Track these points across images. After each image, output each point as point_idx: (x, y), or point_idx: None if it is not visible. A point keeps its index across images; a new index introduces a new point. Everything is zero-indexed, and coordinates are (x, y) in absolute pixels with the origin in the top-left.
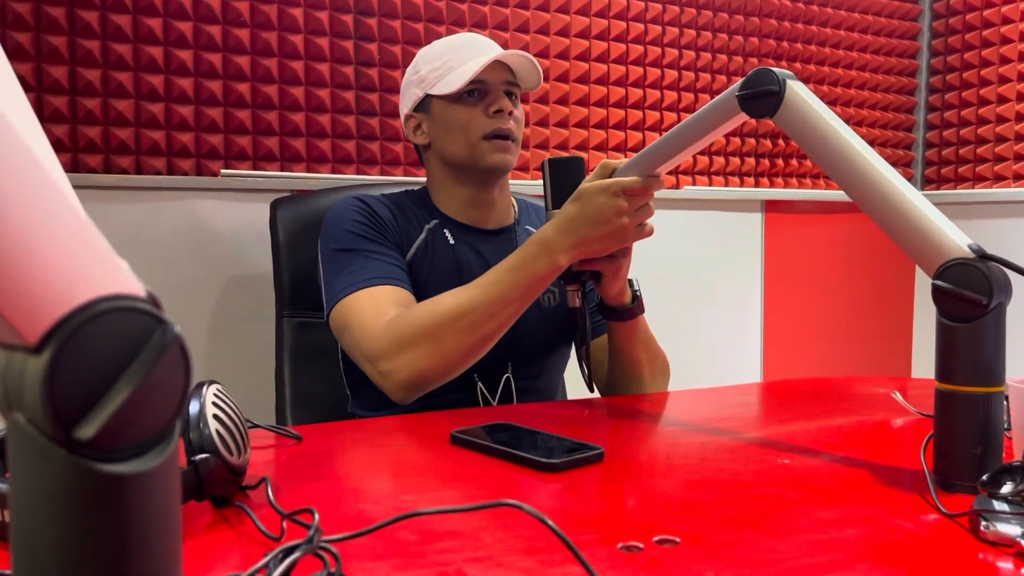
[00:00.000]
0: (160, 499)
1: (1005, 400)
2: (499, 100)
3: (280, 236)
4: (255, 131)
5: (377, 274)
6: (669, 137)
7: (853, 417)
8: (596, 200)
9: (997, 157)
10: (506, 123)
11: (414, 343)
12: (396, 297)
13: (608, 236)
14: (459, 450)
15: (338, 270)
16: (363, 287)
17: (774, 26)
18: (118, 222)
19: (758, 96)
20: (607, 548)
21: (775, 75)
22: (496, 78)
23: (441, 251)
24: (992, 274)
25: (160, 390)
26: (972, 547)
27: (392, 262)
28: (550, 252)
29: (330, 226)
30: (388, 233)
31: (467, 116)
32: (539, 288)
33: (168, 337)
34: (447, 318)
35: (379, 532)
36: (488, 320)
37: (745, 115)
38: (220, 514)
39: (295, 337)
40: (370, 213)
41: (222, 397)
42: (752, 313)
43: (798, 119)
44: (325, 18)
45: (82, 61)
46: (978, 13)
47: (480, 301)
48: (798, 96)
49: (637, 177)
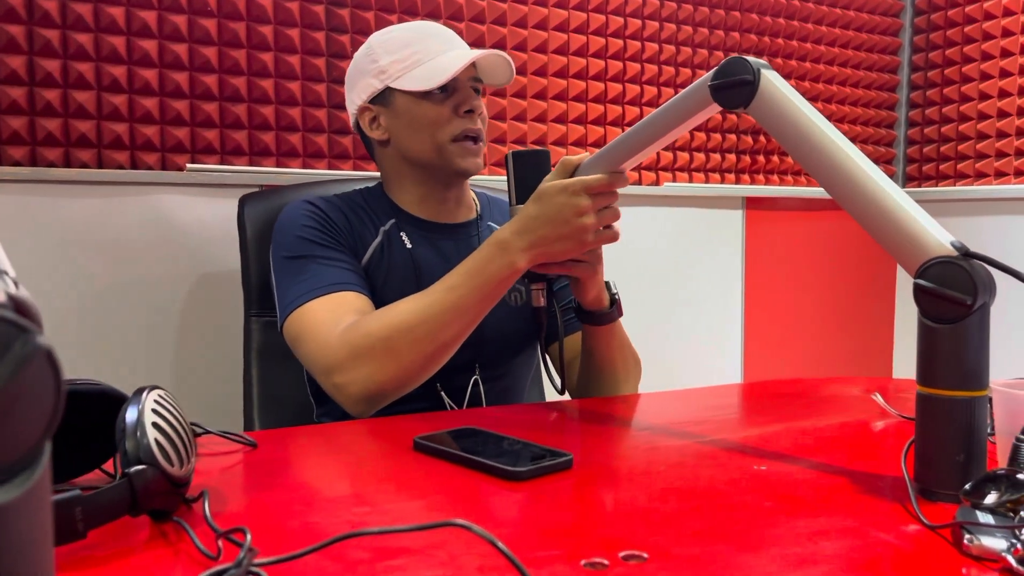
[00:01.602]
0: (23, 534)
1: (989, 404)
2: (469, 99)
3: (248, 233)
4: (223, 124)
5: (331, 281)
6: (636, 131)
7: (833, 420)
8: (556, 199)
9: (978, 154)
10: (475, 124)
11: (370, 355)
12: (352, 303)
13: (567, 237)
14: (422, 457)
15: (290, 279)
16: (316, 296)
17: (755, 21)
18: (78, 217)
19: (731, 86)
20: (570, 565)
21: (749, 64)
22: (465, 75)
23: (398, 254)
24: (976, 273)
25: (21, 409)
26: (955, 561)
27: (346, 267)
28: (507, 254)
29: (280, 232)
30: (341, 237)
31: (435, 115)
32: (498, 292)
33: (30, 348)
34: (403, 328)
35: (327, 549)
36: (446, 328)
37: (718, 106)
38: (159, 529)
39: (263, 337)
40: (322, 217)
41: (164, 403)
42: (732, 311)
43: (773, 110)
44: (296, 8)
45: (41, 51)
46: (960, 9)
47: (437, 309)
48: (773, 86)
49: (600, 175)
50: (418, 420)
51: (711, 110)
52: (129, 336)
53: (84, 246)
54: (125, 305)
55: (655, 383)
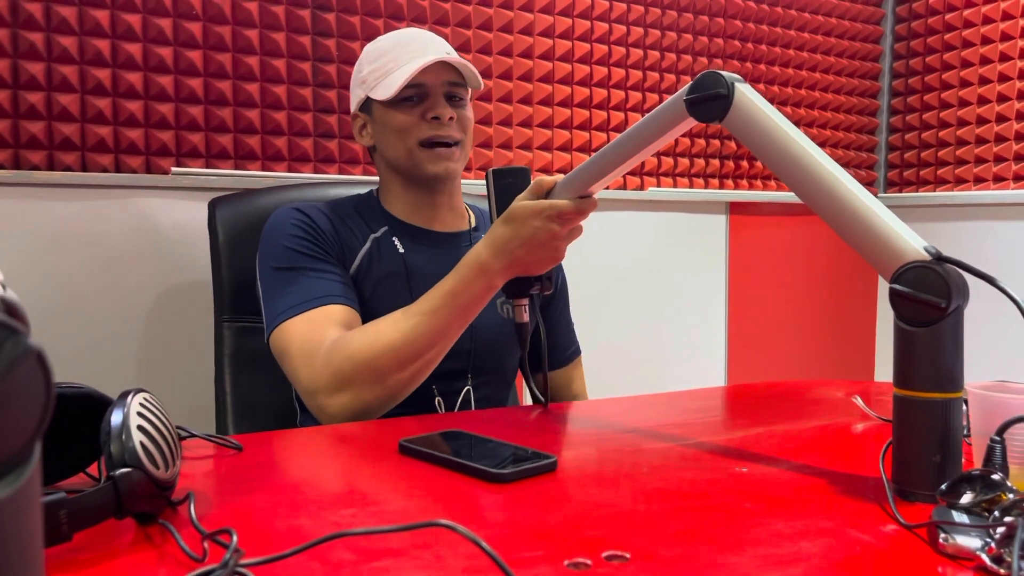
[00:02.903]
0: (13, 532)
1: (964, 404)
2: (437, 106)
3: (220, 236)
4: (208, 128)
5: (317, 294)
6: (610, 149)
7: (814, 422)
8: (530, 224)
9: (959, 160)
10: (445, 129)
11: (354, 380)
12: (337, 317)
13: (543, 260)
14: (408, 460)
15: (277, 291)
16: (302, 311)
17: (738, 27)
18: (61, 221)
19: (706, 100)
20: (553, 565)
21: (723, 78)
22: (435, 80)
23: (388, 260)
24: (950, 277)
25: (12, 409)
26: (931, 560)
27: (333, 278)
28: (486, 274)
29: (268, 240)
30: (329, 246)
31: (404, 121)
32: (477, 309)
33: (20, 348)
34: (387, 350)
35: (312, 551)
36: (429, 348)
37: (693, 120)
38: (144, 532)
39: (236, 342)
40: (309, 225)
41: (149, 407)
42: (716, 316)
43: (747, 122)
44: (281, 12)
45: (25, 54)
46: (940, 17)
47: (421, 331)
48: (747, 99)
49: (570, 201)
50: (403, 423)
51: (686, 124)
52: (112, 340)
53: (67, 249)
54: (109, 309)
55: (639, 386)
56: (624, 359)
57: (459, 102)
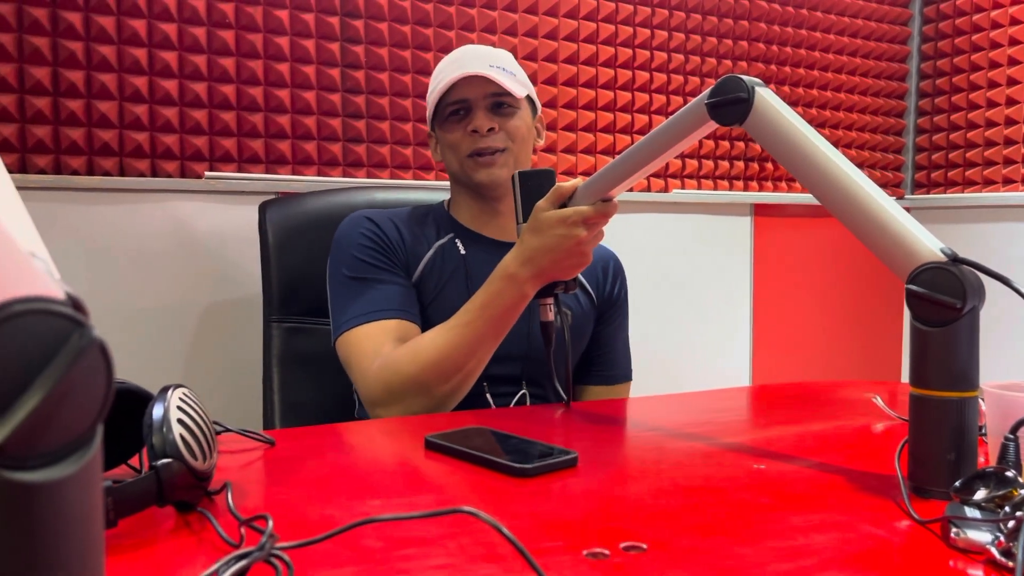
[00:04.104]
0: (77, 508)
1: (981, 401)
2: (476, 119)
3: (269, 239)
4: (240, 133)
5: (378, 307)
6: (632, 153)
7: (834, 422)
8: (554, 231)
9: (987, 161)
10: (485, 141)
11: (403, 394)
12: (393, 332)
13: (570, 265)
14: (433, 455)
15: (344, 298)
16: (362, 322)
17: (763, 30)
18: (100, 224)
19: (727, 103)
20: (572, 555)
21: (744, 82)
22: (477, 93)
23: (450, 262)
24: (965, 278)
25: (77, 395)
26: (943, 554)
27: (396, 290)
28: (516, 284)
29: (339, 247)
30: (395, 255)
31: (452, 137)
32: (512, 318)
33: (86, 340)
34: (429, 365)
35: (341, 539)
36: (468, 359)
37: (714, 123)
38: (183, 520)
39: (284, 343)
40: (378, 235)
41: (188, 401)
42: (741, 317)
43: (767, 126)
44: (311, 20)
45: (65, 62)
46: (968, 18)
47: (458, 343)
48: (767, 102)
49: (593, 206)
50: (430, 420)
51: (707, 128)
52: (150, 338)
53: (106, 251)
54: (146, 308)
55: (664, 387)
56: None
57: (506, 111)
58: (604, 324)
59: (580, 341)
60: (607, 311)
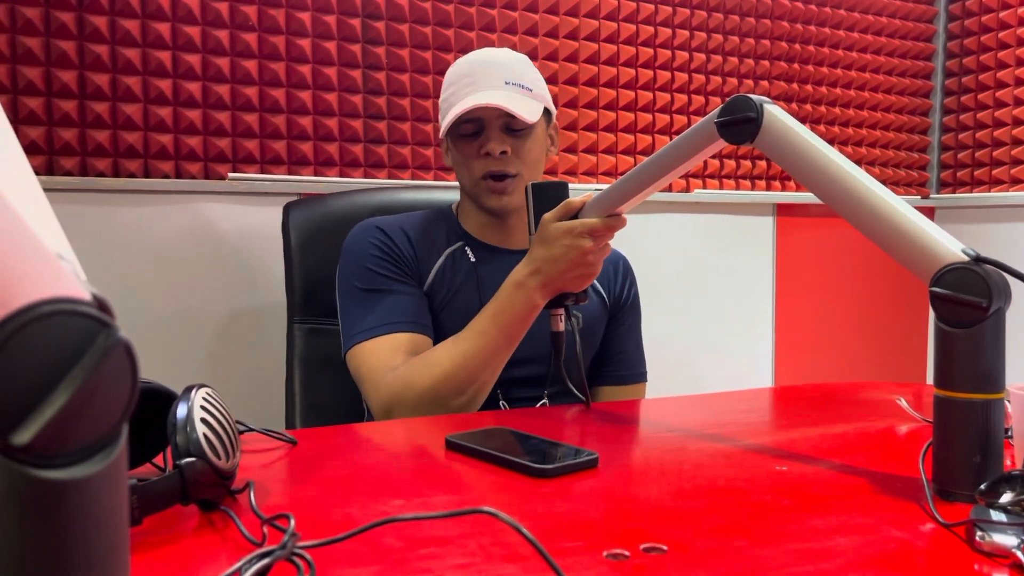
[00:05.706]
0: (103, 506)
1: (1007, 403)
2: (489, 141)
3: (292, 240)
4: (263, 135)
5: (389, 319)
6: (640, 170)
7: (857, 424)
8: (561, 243)
9: (1014, 160)
10: (497, 164)
11: (417, 407)
12: (404, 345)
13: (578, 276)
14: (454, 455)
15: (355, 310)
16: (373, 335)
17: (786, 28)
18: (126, 225)
19: (737, 123)
20: (592, 556)
21: (752, 102)
22: (490, 114)
23: (461, 270)
24: (990, 277)
25: (103, 394)
26: (967, 558)
27: (407, 301)
28: (525, 293)
29: (348, 256)
30: (405, 265)
31: (464, 155)
32: (524, 328)
33: (112, 340)
34: (444, 378)
35: (362, 538)
36: (482, 370)
37: (724, 142)
38: (207, 518)
39: (306, 343)
40: (388, 246)
41: (212, 401)
42: (763, 317)
43: (778, 142)
44: (333, 22)
45: (90, 66)
46: (994, 15)
47: (471, 354)
48: (776, 120)
49: (599, 219)
50: (452, 421)
51: (716, 146)
52: (174, 338)
53: (131, 252)
54: (170, 308)
55: (686, 389)
56: (670, 361)
57: (520, 132)
58: (616, 325)
59: (591, 342)
60: (618, 312)
